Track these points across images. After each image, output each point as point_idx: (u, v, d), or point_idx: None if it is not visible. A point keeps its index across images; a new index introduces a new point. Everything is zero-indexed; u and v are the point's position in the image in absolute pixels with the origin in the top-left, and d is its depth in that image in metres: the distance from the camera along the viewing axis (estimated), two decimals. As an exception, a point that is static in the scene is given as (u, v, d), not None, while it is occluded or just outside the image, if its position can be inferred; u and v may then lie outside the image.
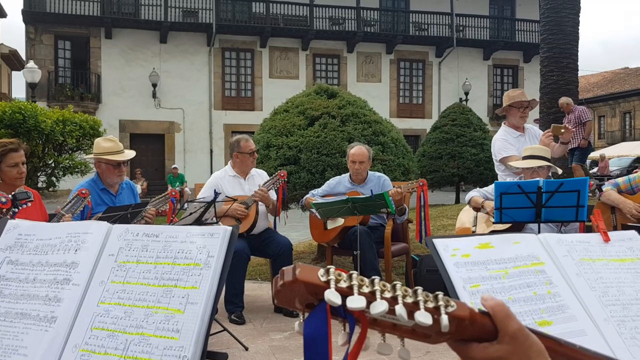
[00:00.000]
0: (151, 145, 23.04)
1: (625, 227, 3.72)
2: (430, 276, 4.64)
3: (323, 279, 0.66)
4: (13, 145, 3.34)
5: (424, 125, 24.70)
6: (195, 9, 23.22)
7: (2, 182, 3.34)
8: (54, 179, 9.77)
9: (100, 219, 3.32)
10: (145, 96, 23.00)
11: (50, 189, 9.96)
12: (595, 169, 23.31)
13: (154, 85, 22.80)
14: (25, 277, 1.13)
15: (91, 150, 10.74)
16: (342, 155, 6.16)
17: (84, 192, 3.44)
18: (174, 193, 4.05)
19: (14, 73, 31.56)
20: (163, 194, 4.12)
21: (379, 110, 7.95)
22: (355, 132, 6.53)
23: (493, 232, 4.19)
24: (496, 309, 0.74)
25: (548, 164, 4.10)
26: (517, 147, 4.67)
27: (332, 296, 0.64)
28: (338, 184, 5.00)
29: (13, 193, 2.59)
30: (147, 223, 3.90)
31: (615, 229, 3.97)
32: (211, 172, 23.67)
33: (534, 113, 12.32)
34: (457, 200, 16.71)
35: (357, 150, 4.84)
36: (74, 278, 1.10)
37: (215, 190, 4.36)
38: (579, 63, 10.79)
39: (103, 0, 22.36)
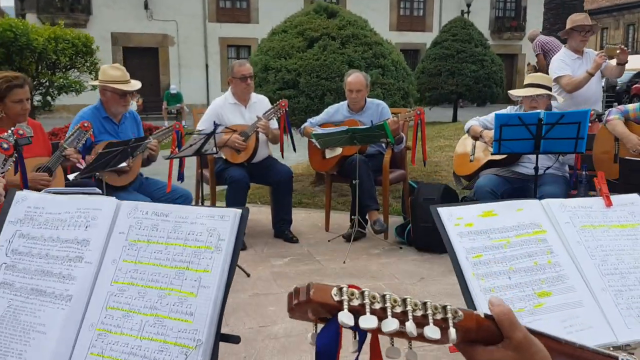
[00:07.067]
0: (145, 60, 22.55)
1: (623, 161, 3.73)
2: (427, 204, 4.70)
3: (336, 298, 0.68)
4: (18, 81, 3.27)
5: (424, 39, 24.11)
6: None
7: (6, 116, 3.29)
8: (49, 98, 9.65)
9: (100, 154, 3.32)
10: (137, 7, 22.25)
11: (46, 108, 9.88)
12: None
13: (146, -4, 22.05)
14: (37, 252, 1.15)
15: (85, 69, 10.56)
16: (341, 80, 6.06)
17: (86, 125, 3.40)
18: (177, 126, 4.04)
19: (-1, -18, 30.34)
20: (167, 127, 4.10)
21: (378, 24, 7.74)
22: (356, 55, 6.39)
23: (490, 161, 4.21)
24: (502, 318, 0.76)
25: (548, 92, 4.05)
26: (573, 69, 4.95)
27: (345, 318, 0.66)
28: (336, 112, 4.96)
29: (16, 139, 2.55)
30: (150, 155, 3.91)
31: (615, 158, 3.97)
32: (207, 89, 23.42)
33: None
34: (455, 118, 16.61)
35: (354, 78, 4.77)
36: (86, 256, 1.12)
37: (214, 122, 4.33)
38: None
39: None
